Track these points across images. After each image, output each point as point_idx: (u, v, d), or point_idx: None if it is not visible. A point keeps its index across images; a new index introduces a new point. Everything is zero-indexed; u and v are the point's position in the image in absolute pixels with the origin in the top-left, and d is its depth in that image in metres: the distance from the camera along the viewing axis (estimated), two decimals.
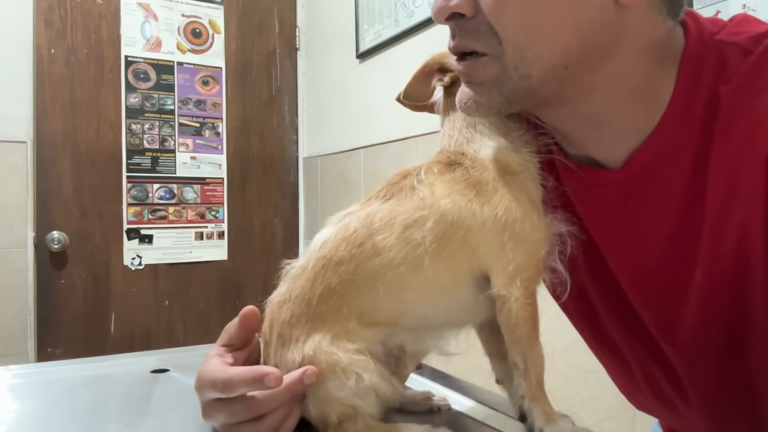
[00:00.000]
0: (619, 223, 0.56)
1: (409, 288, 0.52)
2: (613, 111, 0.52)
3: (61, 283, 2.19)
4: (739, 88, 0.46)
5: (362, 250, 0.51)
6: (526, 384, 0.53)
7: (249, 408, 0.49)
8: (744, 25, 0.50)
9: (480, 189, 0.52)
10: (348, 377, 0.50)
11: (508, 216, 0.51)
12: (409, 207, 0.52)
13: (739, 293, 0.49)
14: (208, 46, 2.44)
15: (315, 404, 0.52)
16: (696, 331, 0.53)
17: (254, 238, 2.54)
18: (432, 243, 0.51)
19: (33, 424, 0.63)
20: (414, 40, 1.82)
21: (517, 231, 0.51)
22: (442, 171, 0.54)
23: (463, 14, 0.49)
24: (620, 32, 0.48)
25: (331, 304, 0.52)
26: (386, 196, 0.54)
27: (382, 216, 0.52)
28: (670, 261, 0.53)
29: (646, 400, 0.68)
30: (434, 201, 0.52)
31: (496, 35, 0.48)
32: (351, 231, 0.52)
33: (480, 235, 0.51)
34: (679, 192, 0.50)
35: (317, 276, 0.52)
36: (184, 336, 2.38)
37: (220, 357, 0.53)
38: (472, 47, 0.50)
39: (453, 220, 0.51)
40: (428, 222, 0.51)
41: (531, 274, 0.52)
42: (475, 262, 0.52)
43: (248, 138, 2.52)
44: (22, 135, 2.12)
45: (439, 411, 0.63)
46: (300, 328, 0.52)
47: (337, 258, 0.52)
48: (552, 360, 1.28)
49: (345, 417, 0.51)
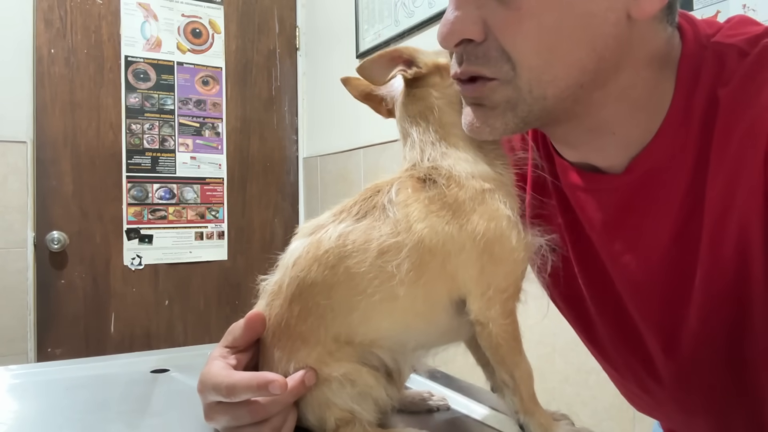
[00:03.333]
0: (621, 228, 0.55)
1: (385, 317, 0.51)
2: (618, 122, 0.51)
3: (61, 283, 2.18)
4: (737, 90, 0.46)
5: (334, 274, 0.50)
6: (518, 400, 0.52)
7: (252, 413, 0.50)
8: (741, 27, 0.50)
9: (457, 209, 0.51)
10: (344, 384, 0.51)
11: (487, 237, 0.50)
12: (383, 231, 0.50)
13: (739, 294, 0.49)
14: (208, 46, 2.44)
15: (312, 411, 0.52)
16: (698, 336, 0.52)
17: (254, 238, 2.53)
18: (408, 272, 0.49)
19: (33, 424, 0.63)
20: (414, 40, 1.82)
21: (496, 253, 0.50)
22: (416, 188, 0.52)
23: (472, 39, 0.48)
24: (629, 45, 0.47)
25: (309, 324, 0.51)
26: (359, 214, 0.52)
27: (354, 238, 0.50)
28: (672, 265, 0.52)
29: (645, 405, 0.68)
30: (409, 225, 0.50)
31: (509, 60, 0.47)
32: (322, 251, 0.51)
33: (459, 260, 0.50)
34: (680, 196, 0.50)
35: (293, 296, 0.52)
36: (184, 336, 2.38)
37: (223, 359, 0.53)
38: (482, 72, 0.48)
39: (431, 247, 0.50)
40: (404, 249, 0.49)
41: (510, 294, 0.51)
42: (453, 287, 0.51)
43: (248, 138, 2.52)
44: (22, 135, 2.11)
45: (438, 411, 0.63)
46: (281, 349, 0.52)
47: (310, 280, 0.51)
48: (552, 360, 1.29)
49: (343, 422, 0.52)
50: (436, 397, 0.64)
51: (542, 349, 1.30)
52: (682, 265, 0.51)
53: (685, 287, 0.52)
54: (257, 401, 0.50)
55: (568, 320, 0.69)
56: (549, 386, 1.31)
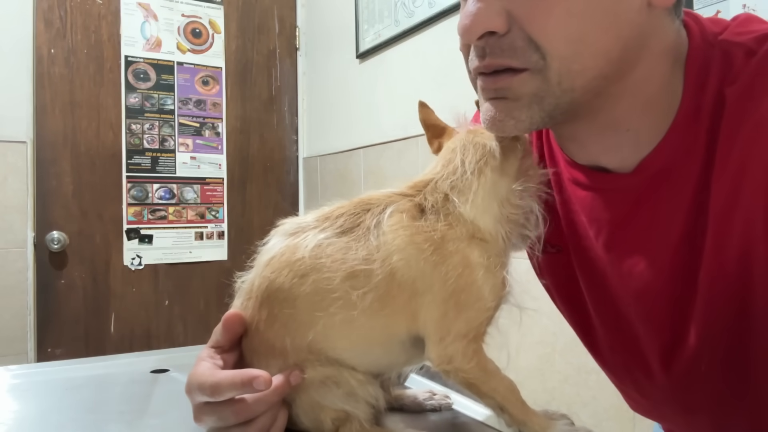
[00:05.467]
0: (629, 229, 0.54)
1: (343, 338, 0.51)
2: (633, 119, 0.50)
3: (61, 283, 2.18)
4: (744, 89, 0.46)
5: (302, 283, 0.50)
6: (507, 417, 0.52)
7: (237, 413, 0.49)
8: (748, 25, 0.50)
9: (439, 247, 0.50)
10: (329, 386, 0.51)
11: (457, 284, 0.49)
12: (359, 255, 0.49)
13: (742, 294, 0.48)
14: (208, 46, 2.44)
15: (306, 414, 0.52)
16: (700, 337, 0.52)
17: (254, 238, 2.49)
18: (372, 302, 0.48)
19: (33, 424, 0.63)
20: (414, 40, 1.82)
21: (462, 300, 0.49)
22: (411, 216, 0.51)
23: (495, 32, 0.46)
24: (647, 36, 0.47)
25: (275, 331, 0.51)
26: (342, 227, 0.51)
27: (330, 253, 0.50)
28: (678, 264, 0.52)
29: (643, 408, 0.68)
30: (387, 255, 0.49)
31: (537, 49, 0.45)
32: (296, 258, 0.50)
33: (424, 299, 0.50)
34: (689, 195, 0.50)
35: (263, 299, 0.51)
36: (184, 336, 2.38)
37: (210, 359, 0.52)
38: (510, 64, 0.46)
39: (401, 281, 0.49)
40: (374, 278, 0.49)
41: (471, 337, 0.50)
42: (413, 326, 0.51)
43: (248, 138, 2.52)
44: (22, 135, 2.11)
45: (440, 410, 0.63)
46: (258, 354, 0.52)
47: (278, 284, 0.50)
48: (552, 360, 1.28)
49: (340, 421, 0.51)
50: (438, 396, 0.64)
51: (542, 349, 1.30)
52: (688, 265, 0.51)
53: (689, 288, 0.51)
54: (242, 401, 0.49)
55: (568, 321, 0.69)
56: (549, 386, 1.31)
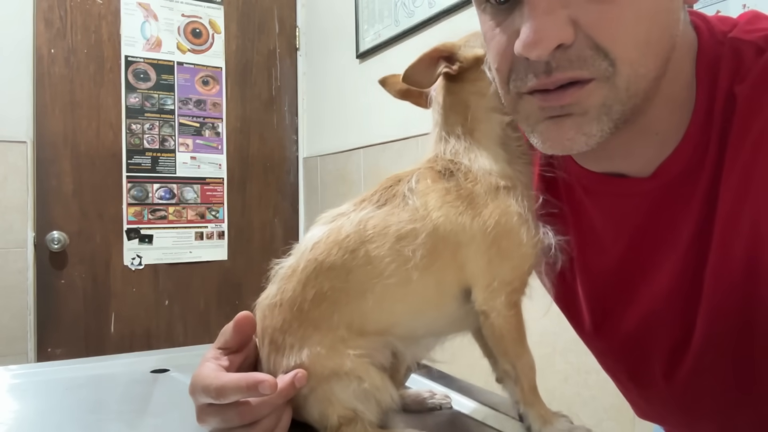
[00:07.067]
0: (647, 233, 0.54)
1: (398, 300, 0.52)
2: (662, 121, 0.49)
3: (61, 283, 2.18)
4: (754, 87, 0.46)
5: (354, 257, 0.51)
6: (519, 390, 0.53)
7: (241, 415, 0.49)
8: (756, 22, 0.49)
9: (471, 202, 0.52)
10: (351, 380, 0.51)
11: (496, 231, 0.51)
12: (402, 218, 0.52)
13: (748, 296, 0.48)
14: (208, 46, 2.44)
15: (317, 404, 0.52)
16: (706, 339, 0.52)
17: (254, 238, 2.53)
18: (423, 258, 0.50)
19: (33, 424, 0.63)
20: (414, 40, 1.82)
21: (504, 246, 0.51)
22: (435, 179, 0.54)
23: (563, 43, 0.43)
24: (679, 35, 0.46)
25: (322, 309, 0.51)
26: (379, 201, 0.54)
27: (375, 224, 0.52)
28: (687, 265, 0.52)
29: (643, 413, 0.67)
30: (426, 213, 0.51)
31: (606, 57, 0.42)
32: (343, 236, 0.52)
33: (468, 250, 0.51)
34: (699, 197, 0.49)
35: (308, 279, 0.52)
36: (184, 336, 2.38)
37: (215, 360, 0.52)
38: (581, 76, 0.43)
39: (444, 235, 0.51)
40: (420, 235, 0.51)
41: (515, 287, 0.52)
42: (462, 277, 0.52)
43: (248, 138, 2.52)
44: (22, 135, 2.11)
45: (441, 409, 0.63)
46: (293, 335, 0.52)
47: (329, 262, 0.51)
48: (552, 360, 1.29)
49: (345, 420, 0.51)
50: (438, 395, 0.64)
51: (542, 349, 1.30)
52: (695, 265, 0.51)
53: (695, 287, 0.51)
54: (247, 403, 0.49)
55: (570, 323, 0.68)
56: (549, 386, 1.30)
